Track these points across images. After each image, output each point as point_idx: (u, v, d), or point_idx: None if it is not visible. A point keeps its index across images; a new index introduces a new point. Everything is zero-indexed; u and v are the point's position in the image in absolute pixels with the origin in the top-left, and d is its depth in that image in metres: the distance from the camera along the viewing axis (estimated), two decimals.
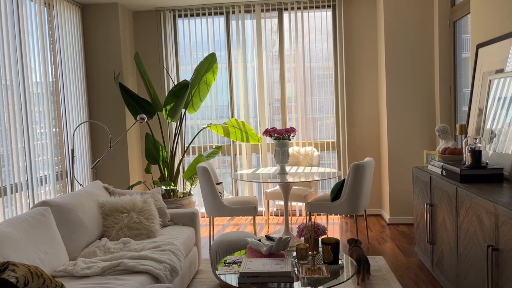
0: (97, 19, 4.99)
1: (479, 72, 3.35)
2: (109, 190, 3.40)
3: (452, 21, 4.41)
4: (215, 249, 3.16)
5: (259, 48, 5.28)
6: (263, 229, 4.87)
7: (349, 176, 3.93)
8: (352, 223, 4.98)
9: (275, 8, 5.26)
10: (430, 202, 3.19)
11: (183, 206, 4.75)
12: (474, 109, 3.36)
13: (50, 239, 2.41)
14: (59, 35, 4.44)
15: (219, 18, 5.35)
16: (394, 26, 4.73)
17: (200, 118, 5.48)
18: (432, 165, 3.27)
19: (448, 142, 3.41)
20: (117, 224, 3.02)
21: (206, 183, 4.08)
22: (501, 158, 2.76)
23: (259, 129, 5.38)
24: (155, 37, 5.41)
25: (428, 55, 4.72)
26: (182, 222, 3.48)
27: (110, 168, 5.09)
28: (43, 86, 4.13)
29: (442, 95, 4.57)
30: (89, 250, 2.71)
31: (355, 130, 5.26)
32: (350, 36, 5.18)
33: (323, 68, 5.28)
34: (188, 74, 5.46)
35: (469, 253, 2.45)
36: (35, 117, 3.99)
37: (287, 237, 2.58)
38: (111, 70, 5.03)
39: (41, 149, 4.05)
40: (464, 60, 4.25)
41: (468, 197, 2.41)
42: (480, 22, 3.42)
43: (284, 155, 4.15)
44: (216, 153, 5.06)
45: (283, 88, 5.36)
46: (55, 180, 4.24)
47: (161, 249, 2.70)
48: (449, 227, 2.77)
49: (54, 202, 2.67)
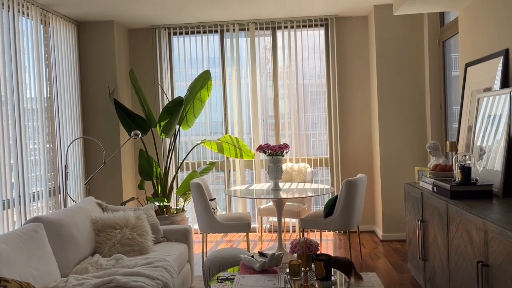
0: (93, 36, 5.05)
1: (468, 90, 3.42)
2: (102, 206, 3.39)
3: (441, 41, 4.52)
4: (208, 266, 3.15)
5: (253, 65, 5.35)
6: (257, 245, 4.86)
7: (342, 193, 3.96)
8: (345, 240, 4.98)
9: (269, 26, 5.35)
10: (422, 218, 3.21)
11: (176, 222, 4.74)
12: (464, 126, 3.42)
13: (42, 255, 2.40)
14: (54, 52, 4.48)
15: (214, 36, 5.43)
16: (385, 45, 4.83)
17: (194, 134, 5.51)
18: (423, 181, 3.31)
19: (439, 159, 3.46)
20: (110, 240, 3.01)
21: (200, 199, 4.08)
22: (490, 174, 2.81)
23: (253, 145, 5.41)
24: (150, 54, 5.47)
25: (418, 73, 4.81)
26: (175, 239, 3.47)
27: (103, 184, 5.08)
28: (38, 101, 4.15)
29: (432, 113, 4.65)
30: (81, 266, 2.69)
31: (348, 146, 5.31)
32: (342, 54, 5.28)
33: (316, 85, 5.36)
34: (182, 90, 5.50)
35: (460, 269, 2.47)
36: (29, 133, 4.00)
37: (279, 253, 2.58)
38: (106, 87, 5.06)
39: (34, 165, 4.05)
40: (454, 78, 4.33)
41: (458, 213, 2.45)
42: (468, 42, 3.51)
43: (277, 171, 4.17)
44: (210, 169, 5.07)
45: (276, 104, 5.42)
46: (47, 196, 4.22)
47: (153, 266, 2.69)
48: (441, 243, 2.80)
49: (46, 218, 2.66)
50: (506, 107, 2.74)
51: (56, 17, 4.53)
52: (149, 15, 4.89)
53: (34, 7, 4.15)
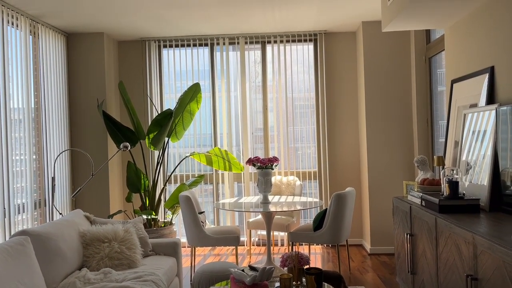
0: (82, 48, 5.03)
1: (454, 106, 3.49)
2: (90, 219, 3.35)
3: (428, 57, 4.62)
4: (197, 280, 3.12)
5: (242, 78, 5.38)
6: (245, 259, 4.83)
7: (331, 206, 3.98)
8: (334, 253, 4.99)
9: (259, 41, 5.41)
10: (411, 232, 3.24)
11: (164, 235, 4.69)
12: (451, 141, 3.49)
13: (28, 269, 2.35)
14: (43, 63, 4.44)
15: (204, 49, 5.46)
16: (373, 60, 4.92)
17: (183, 147, 5.49)
18: (411, 195, 3.35)
19: (427, 173, 3.51)
20: (98, 254, 2.96)
21: (189, 212, 4.05)
22: (477, 189, 2.86)
23: (242, 158, 5.41)
24: (140, 67, 5.46)
25: (405, 89, 4.90)
26: (164, 252, 3.44)
27: (90, 196, 5.01)
28: (25, 112, 4.10)
29: (419, 127, 4.73)
30: (68, 281, 2.64)
31: (336, 160, 5.35)
32: (331, 69, 5.35)
33: (305, 99, 5.41)
34: (172, 103, 5.50)
35: (449, 283, 2.49)
36: (15, 143, 3.94)
37: (270, 267, 2.57)
38: (94, 98, 5.03)
39: (20, 176, 3.98)
40: (440, 93, 4.42)
41: (447, 227, 2.48)
42: (454, 59, 3.60)
43: (267, 184, 4.18)
44: (199, 181, 5.05)
45: (265, 117, 5.45)
46: (33, 208, 4.15)
47: (143, 280, 2.66)
48: (429, 257, 2.82)
49: (33, 232, 2.61)
50: (491, 123, 2.80)
51: (45, 28, 4.51)
52: (139, 28, 4.90)
53: (24, 18, 4.12)
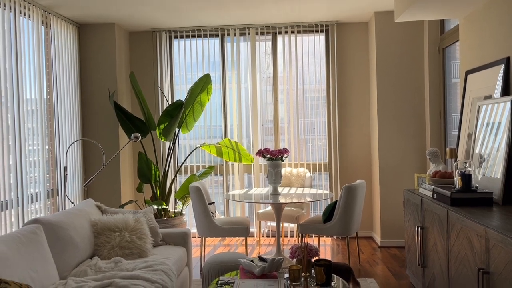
0: (93, 39, 5.05)
1: (468, 97, 3.43)
2: (102, 208, 3.38)
3: (441, 48, 4.54)
4: (207, 270, 3.14)
5: (253, 69, 5.36)
6: (255, 250, 4.85)
7: (341, 198, 3.96)
8: (343, 245, 4.98)
9: (270, 31, 5.37)
10: (421, 225, 3.22)
11: (175, 226, 4.72)
12: (464, 133, 3.44)
13: (41, 257, 2.38)
14: (55, 54, 4.47)
15: (214, 40, 5.44)
16: (385, 51, 4.85)
17: (194, 138, 5.50)
18: (423, 188, 3.32)
19: (439, 166, 3.46)
20: (109, 243, 3.00)
21: (199, 203, 4.07)
22: (490, 182, 2.82)
23: (252, 150, 5.41)
24: (151, 57, 5.47)
25: (418, 80, 4.83)
26: (174, 242, 3.46)
27: (101, 186, 5.06)
28: (37, 103, 4.14)
29: (432, 119, 4.67)
30: (80, 269, 2.68)
31: (347, 152, 5.32)
32: (342, 60, 5.29)
33: (316, 91, 5.37)
34: (182, 94, 5.50)
35: (460, 276, 2.47)
36: (28, 134, 3.98)
37: (279, 258, 2.58)
38: (106, 89, 5.05)
39: (32, 166, 4.03)
40: (453, 85, 4.35)
41: (459, 220, 2.45)
42: (468, 49, 3.53)
43: (276, 176, 4.17)
44: (209, 172, 5.06)
45: (276, 109, 5.42)
46: (45, 197, 4.21)
47: (153, 269, 2.68)
48: (440, 250, 2.80)
49: (46, 220, 2.65)
50: (506, 115, 2.75)
51: (57, 19, 4.53)
52: (150, 18, 4.89)
53: (36, 9, 4.14)
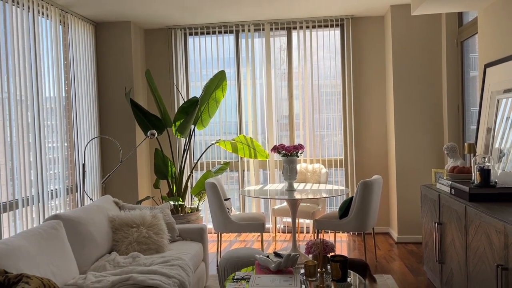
0: (110, 37, 5.11)
1: (487, 91, 3.37)
2: (119, 204, 3.43)
3: (459, 41, 4.46)
4: (223, 265, 3.16)
5: (267, 65, 5.35)
6: (270, 246, 4.86)
7: (357, 194, 3.94)
8: (360, 241, 4.95)
9: (284, 27, 5.35)
10: (439, 221, 3.18)
11: (191, 221, 4.77)
12: (483, 128, 3.38)
13: (61, 252, 2.44)
14: (72, 52, 4.54)
15: (229, 37, 5.45)
16: (402, 45, 4.79)
17: (209, 134, 5.53)
18: (440, 183, 3.27)
19: (457, 161, 3.41)
20: (127, 239, 3.04)
21: (215, 199, 4.10)
22: (509, 177, 2.76)
23: (267, 146, 5.41)
24: (166, 55, 5.51)
25: (436, 74, 4.76)
26: (191, 238, 3.50)
27: (119, 182, 5.14)
28: (56, 101, 4.22)
29: (450, 114, 4.59)
30: (99, 264, 2.73)
31: (363, 147, 5.28)
32: (358, 54, 5.25)
33: (331, 86, 5.33)
34: (197, 90, 5.54)
35: (478, 273, 2.44)
36: (47, 131, 4.06)
37: (295, 254, 2.58)
38: (122, 87, 5.12)
39: (52, 163, 4.11)
40: (472, 79, 4.27)
41: (477, 216, 2.41)
42: (487, 42, 3.46)
43: (292, 171, 4.17)
44: (224, 169, 5.09)
45: (291, 105, 5.41)
46: (65, 193, 4.29)
47: (170, 264, 2.71)
48: (458, 246, 2.76)
49: (65, 216, 2.71)
50: None
51: (74, 18, 4.60)
52: (165, 16, 4.93)
53: (53, 8, 4.21)
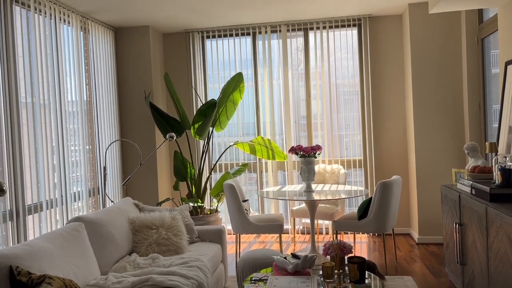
0: (129, 42, 5.20)
1: (509, 89, 3.30)
2: (139, 206, 3.49)
3: (480, 38, 4.37)
4: (241, 266, 3.18)
5: (285, 66, 5.36)
6: (289, 247, 4.86)
7: (376, 195, 3.90)
8: (379, 242, 4.90)
9: (301, 28, 5.34)
10: (460, 222, 3.13)
11: (210, 223, 4.81)
12: (504, 126, 3.31)
13: (83, 253, 2.50)
14: (93, 57, 4.65)
15: (246, 39, 5.48)
16: (420, 43, 4.72)
17: (227, 136, 5.57)
18: (461, 183, 3.22)
19: (478, 161, 3.35)
20: (147, 240, 3.10)
21: (233, 200, 4.13)
22: None
23: (285, 147, 5.41)
24: (184, 58, 5.58)
25: (456, 72, 4.68)
26: (209, 239, 3.53)
27: (139, 185, 5.22)
28: (78, 105, 4.32)
29: (471, 112, 4.51)
30: (119, 265, 2.79)
31: (382, 147, 5.23)
32: (376, 53, 5.20)
33: (349, 85, 5.30)
34: (215, 92, 5.58)
35: (500, 274, 2.39)
36: (70, 135, 4.17)
37: (312, 255, 2.58)
38: (142, 90, 5.20)
39: (75, 165, 4.21)
40: (494, 76, 4.19)
41: (498, 216, 2.37)
42: (508, 39, 3.39)
43: (310, 172, 4.16)
44: (243, 170, 5.12)
45: (309, 105, 5.40)
46: (87, 196, 4.39)
47: (188, 265, 2.75)
48: (480, 247, 2.72)
49: (87, 218, 2.77)
50: None
51: (95, 24, 4.70)
52: (183, 20, 4.99)
53: (75, 15, 4.32)
